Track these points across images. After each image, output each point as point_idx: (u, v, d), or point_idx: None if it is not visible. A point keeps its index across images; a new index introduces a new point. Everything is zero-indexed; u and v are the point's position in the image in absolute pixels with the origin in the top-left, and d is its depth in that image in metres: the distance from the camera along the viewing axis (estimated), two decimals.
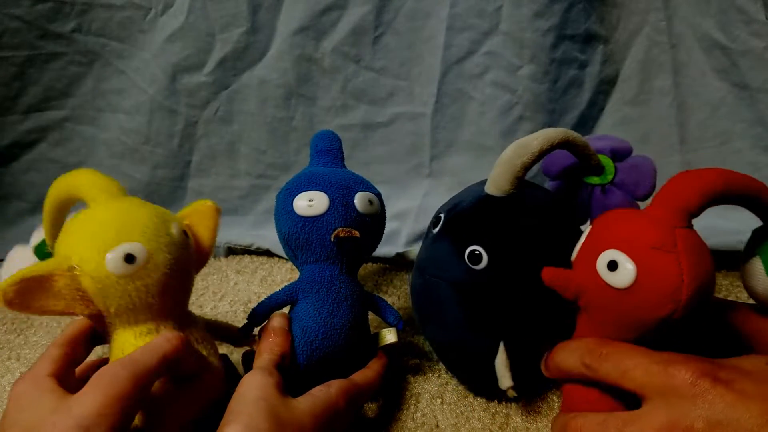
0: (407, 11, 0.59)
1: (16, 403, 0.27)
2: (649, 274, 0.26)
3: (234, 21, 0.59)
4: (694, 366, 0.25)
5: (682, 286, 0.26)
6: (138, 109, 0.62)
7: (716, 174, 0.28)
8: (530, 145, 0.33)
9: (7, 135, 0.62)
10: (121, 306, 0.28)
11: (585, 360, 0.29)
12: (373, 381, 0.36)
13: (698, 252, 0.27)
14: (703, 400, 0.23)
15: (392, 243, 0.60)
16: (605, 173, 0.38)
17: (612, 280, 0.28)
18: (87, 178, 0.31)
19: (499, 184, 0.35)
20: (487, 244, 0.34)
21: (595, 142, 0.39)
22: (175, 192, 0.66)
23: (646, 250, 0.27)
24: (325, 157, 0.40)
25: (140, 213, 0.30)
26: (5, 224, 0.65)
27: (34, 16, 0.58)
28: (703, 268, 0.26)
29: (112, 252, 0.27)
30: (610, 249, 0.28)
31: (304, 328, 0.35)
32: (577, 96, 0.60)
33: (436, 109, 0.61)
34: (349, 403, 0.32)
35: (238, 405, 0.28)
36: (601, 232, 0.30)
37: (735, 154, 0.56)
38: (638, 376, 0.26)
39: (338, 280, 0.36)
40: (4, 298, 0.26)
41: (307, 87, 0.61)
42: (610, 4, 0.58)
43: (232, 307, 0.51)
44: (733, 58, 0.53)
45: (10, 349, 0.46)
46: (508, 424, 0.36)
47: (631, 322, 0.28)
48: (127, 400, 0.25)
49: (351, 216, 0.36)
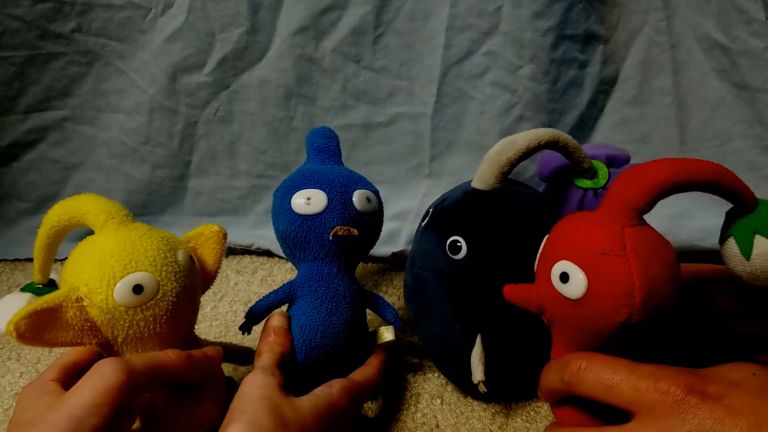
0: (407, 11, 0.59)
1: (20, 406, 0.27)
2: (600, 282, 0.26)
3: (234, 21, 0.59)
4: (683, 381, 0.24)
5: (633, 289, 0.25)
6: (138, 109, 0.62)
7: (660, 166, 0.27)
8: (516, 142, 0.34)
9: (7, 135, 0.62)
10: (129, 336, 0.28)
11: (564, 377, 0.28)
12: (374, 378, 0.36)
13: (650, 250, 0.26)
14: (693, 416, 0.23)
15: (392, 243, 0.60)
16: (598, 178, 0.38)
17: (566, 292, 0.28)
18: (93, 204, 0.31)
19: (484, 178, 0.35)
20: (466, 235, 0.34)
21: (592, 148, 0.40)
22: (175, 192, 0.66)
23: (596, 257, 0.26)
24: (322, 154, 0.39)
25: (148, 242, 0.29)
26: (5, 224, 0.65)
27: (34, 16, 0.57)
28: (657, 267, 0.26)
29: (120, 283, 0.27)
30: (561, 260, 0.28)
31: (302, 326, 0.35)
32: (577, 96, 0.60)
33: (436, 109, 0.61)
34: (351, 402, 0.32)
35: (241, 404, 0.28)
36: (554, 241, 0.30)
37: (735, 154, 0.56)
38: (626, 393, 0.26)
39: (336, 278, 0.36)
40: (17, 332, 0.25)
41: (307, 87, 0.61)
42: (610, 4, 0.58)
43: (232, 307, 0.51)
44: (733, 58, 0.53)
45: (10, 349, 0.46)
46: (508, 425, 0.36)
47: (592, 330, 0.28)
48: (120, 393, 0.25)
49: (349, 214, 0.36)
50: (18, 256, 0.62)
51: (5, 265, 0.61)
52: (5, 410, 0.38)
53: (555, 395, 0.30)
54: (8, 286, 0.57)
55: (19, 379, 0.42)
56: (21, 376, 0.42)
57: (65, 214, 0.32)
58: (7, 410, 0.38)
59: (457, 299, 0.35)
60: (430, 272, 0.37)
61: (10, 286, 0.57)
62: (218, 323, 0.48)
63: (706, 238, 0.53)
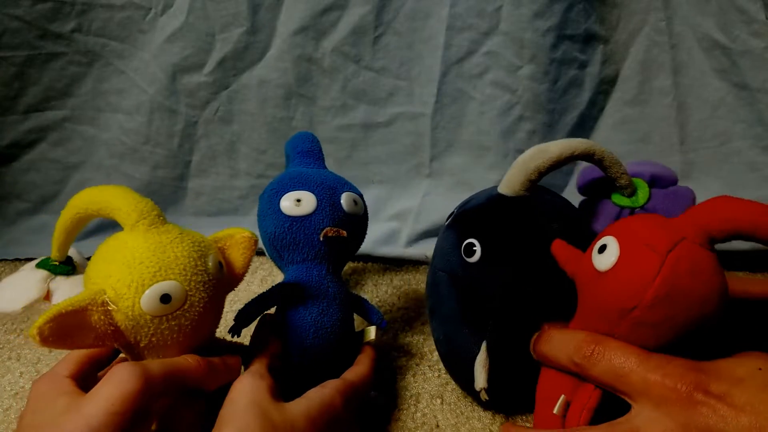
0: (407, 11, 0.59)
1: (32, 404, 0.27)
2: (627, 265, 0.27)
3: (234, 21, 0.59)
4: (690, 378, 0.25)
5: (651, 286, 0.25)
6: (138, 109, 0.62)
7: (754, 209, 0.26)
8: (548, 150, 0.34)
9: (7, 135, 0.62)
10: (152, 342, 0.27)
11: (575, 359, 0.29)
12: (366, 376, 0.35)
13: (694, 268, 0.26)
14: (696, 413, 0.24)
15: (392, 243, 0.60)
16: (637, 196, 0.37)
17: (596, 261, 0.28)
18: (125, 201, 0.29)
19: (511, 184, 0.35)
20: (482, 238, 0.34)
21: (637, 166, 0.38)
22: (175, 192, 0.66)
23: (638, 244, 0.27)
24: (307, 158, 0.39)
25: (179, 248, 0.28)
26: (5, 224, 0.65)
27: (34, 16, 0.58)
28: (690, 283, 0.25)
29: (148, 290, 0.26)
30: (609, 235, 0.28)
31: (294, 328, 0.34)
32: (577, 96, 0.61)
33: (436, 109, 0.61)
34: (345, 402, 0.32)
35: (230, 411, 0.28)
36: (618, 225, 0.30)
37: (735, 154, 0.56)
38: (635, 384, 0.26)
39: (326, 279, 0.36)
40: (40, 336, 0.24)
41: (307, 87, 0.62)
42: (610, 4, 0.58)
43: (231, 307, 0.51)
44: (733, 58, 0.53)
45: (10, 349, 0.46)
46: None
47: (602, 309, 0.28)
48: (137, 400, 0.25)
49: (338, 216, 0.36)
50: (18, 256, 0.62)
51: (5, 265, 0.61)
52: (5, 410, 0.38)
53: (554, 366, 0.31)
54: None
55: (19, 378, 0.42)
56: (21, 376, 0.42)
57: (94, 205, 0.30)
58: (6, 410, 0.38)
59: (467, 302, 0.35)
60: (444, 272, 0.37)
61: None
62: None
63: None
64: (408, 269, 0.59)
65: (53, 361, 0.44)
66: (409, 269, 0.59)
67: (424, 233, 0.60)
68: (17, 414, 0.38)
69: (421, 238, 0.60)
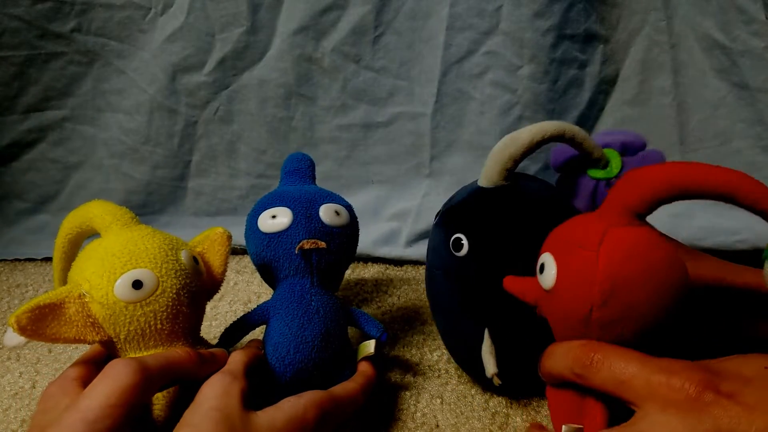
0: (407, 11, 0.59)
1: (42, 406, 0.28)
2: (567, 273, 0.26)
3: (234, 21, 0.59)
4: (697, 378, 0.24)
5: (594, 284, 0.25)
6: (138, 109, 0.62)
7: (663, 171, 0.26)
8: (519, 138, 0.34)
9: (7, 135, 0.63)
10: (131, 332, 0.29)
11: (575, 369, 0.27)
12: (354, 394, 0.34)
13: (629, 250, 0.25)
14: (707, 415, 0.23)
15: (392, 243, 0.60)
16: (611, 167, 0.37)
17: (542, 282, 0.28)
18: (99, 208, 0.32)
19: (489, 176, 0.35)
20: (468, 232, 0.35)
21: (606, 136, 0.39)
22: (175, 192, 0.66)
23: (571, 249, 0.26)
24: (292, 177, 0.40)
25: (150, 241, 0.30)
26: (5, 224, 0.65)
27: (34, 16, 0.58)
28: (631, 267, 0.25)
29: (120, 278, 0.28)
30: (545, 252, 0.28)
31: (275, 344, 0.34)
32: (577, 96, 0.60)
33: (436, 108, 0.61)
34: (320, 417, 0.30)
35: (190, 415, 0.27)
36: (550, 237, 0.30)
37: (735, 153, 0.56)
38: (638, 388, 0.25)
39: (309, 293, 0.36)
40: (18, 324, 0.26)
41: (307, 87, 0.62)
42: (610, 4, 0.58)
43: (231, 306, 0.51)
44: (733, 58, 0.53)
45: (10, 349, 0.46)
46: (508, 424, 0.36)
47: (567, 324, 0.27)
48: (134, 393, 0.25)
49: (315, 227, 0.35)
50: (18, 256, 0.62)
51: (5, 265, 0.61)
52: (4, 410, 0.38)
53: (559, 381, 0.29)
54: (8, 286, 0.57)
55: (18, 378, 0.42)
56: (20, 376, 0.42)
57: (75, 221, 0.33)
58: (6, 410, 0.38)
59: (464, 295, 0.36)
60: (438, 269, 0.38)
61: (10, 285, 0.57)
62: (218, 323, 0.48)
63: (707, 237, 0.53)
64: (408, 269, 0.59)
65: (53, 361, 0.44)
66: (409, 269, 0.59)
67: (424, 233, 0.60)
68: (16, 414, 0.38)
69: (421, 238, 0.60)
